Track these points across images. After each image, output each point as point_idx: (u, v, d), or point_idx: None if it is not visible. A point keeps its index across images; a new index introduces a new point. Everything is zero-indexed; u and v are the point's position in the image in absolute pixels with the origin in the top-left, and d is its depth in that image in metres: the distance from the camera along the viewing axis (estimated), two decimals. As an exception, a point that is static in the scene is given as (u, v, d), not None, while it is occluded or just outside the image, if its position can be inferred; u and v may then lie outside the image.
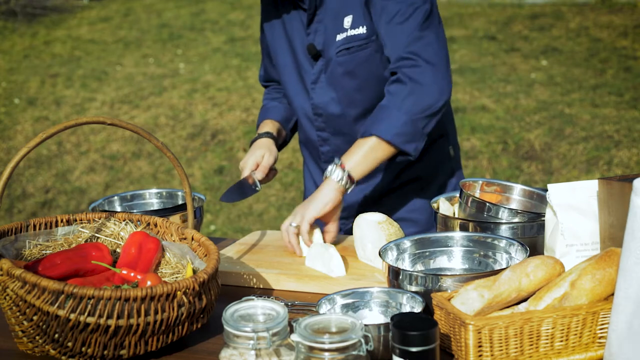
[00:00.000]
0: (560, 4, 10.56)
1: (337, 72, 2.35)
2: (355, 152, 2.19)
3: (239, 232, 5.99)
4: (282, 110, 2.65)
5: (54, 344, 1.63)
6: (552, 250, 1.85)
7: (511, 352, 1.54)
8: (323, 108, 2.43)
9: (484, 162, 6.46)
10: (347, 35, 2.30)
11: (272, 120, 2.63)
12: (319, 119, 2.46)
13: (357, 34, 2.29)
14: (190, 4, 12.23)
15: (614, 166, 6.16)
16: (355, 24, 2.29)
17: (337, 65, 2.34)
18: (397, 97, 2.16)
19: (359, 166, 2.18)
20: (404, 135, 2.15)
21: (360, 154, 2.18)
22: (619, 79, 7.85)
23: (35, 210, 6.67)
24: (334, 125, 2.44)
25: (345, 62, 2.33)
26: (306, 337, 1.46)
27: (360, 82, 2.35)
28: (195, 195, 2.42)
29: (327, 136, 2.48)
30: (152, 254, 1.92)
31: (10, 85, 8.97)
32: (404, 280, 1.77)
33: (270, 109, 2.67)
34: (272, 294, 2.04)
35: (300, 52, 2.43)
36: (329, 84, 2.39)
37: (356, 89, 2.36)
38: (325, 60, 2.38)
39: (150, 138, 1.85)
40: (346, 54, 2.32)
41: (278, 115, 2.64)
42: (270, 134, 2.55)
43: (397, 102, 2.16)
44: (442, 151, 2.52)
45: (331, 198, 2.18)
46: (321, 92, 2.41)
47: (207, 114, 7.75)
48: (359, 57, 2.31)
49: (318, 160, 2.56)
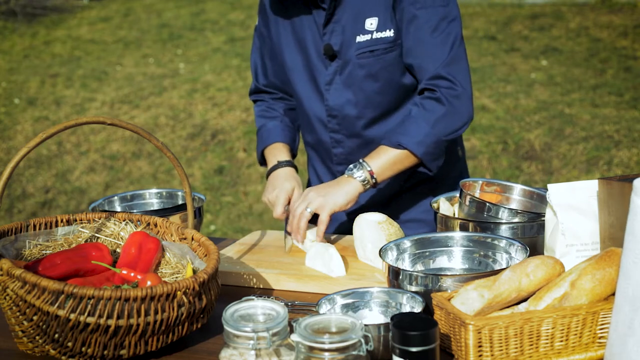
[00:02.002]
0: (560, 4, 10.56)
1: (358, 74, 2.34)
2: (382, 157, 2.23)
3: (239, 232, 5.99)
4: (286, 131, 2.58)
5: (54, 344, 1.63)
6: (552, 250, 1.85)
7: (511, 352, 1.54)
8: (338, 110, 2.41)
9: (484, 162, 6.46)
10: (372, 38, 2.29)
11: (282, 144, 2.54)
12: (333, 121, 2.43)
13: (384, 37, 2.28)
14: (190, 4, 12.23)
15: (614, 166, 6.16)
16: (381, 27, 2.28)
17: (358, 68, 2.33)
18: (432, 115, 2.22)
19: (385, 172, 2.23)
20: (431, 154, 2.24)
21: (388, 161, 2.23)
22: (619, 79, 7.85)
23: (35, 210, 6.67)
24: (349, 127, 2.43)
25: (367, 65, 2.32)
26: (306, 337, 1.46)
27: (381, 85, 2.35)
28: (195, 195, 2.42)
29: (341, 138, 2.45)
30: (152, 254, 1.92)
31: (10, 85, 8.97)
32: (404, 280, 1.77)
33: (272, 130, 2.57)
34: (272, 294, 2.04)
35: (313, 53, 2.39)
36: (345, 85, 2.37)
37: (377, 92, 2.36)
38: (341, 61, 2.35)
39: (150, 138, 1.85)
40: (370, 57, 2.31)
41: (284, 137, 2.56)
42: (290, 163, 2.48)
43: (431, 120, 2.22)
44: (451, 152, 2.53)
45: (354, 196, 2.21)
46: (336, 93, 2.39)
47: (207, 114, 7.75)
48: (383, 60, 2.31)
49: (329, 162, 2.53)
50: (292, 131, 2.59)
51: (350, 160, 2.45)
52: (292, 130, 2.60)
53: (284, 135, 2.56)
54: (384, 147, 2.25)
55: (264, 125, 2.60)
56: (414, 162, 2.25)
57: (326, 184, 2.26)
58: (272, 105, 2.64)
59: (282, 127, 2.57)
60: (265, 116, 2.62)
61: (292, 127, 2.60)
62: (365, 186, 2.21)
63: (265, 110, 2.63)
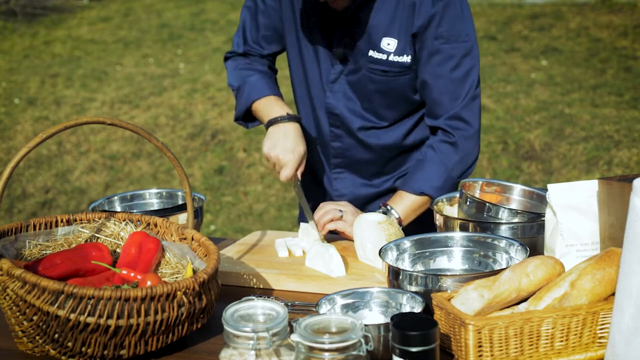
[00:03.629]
0: (560, 4, 10.56)
1: (368, 86, 2.35)
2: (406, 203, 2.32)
3: (239, 232, 5.99)
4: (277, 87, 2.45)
5: (54, 344, 1.63)
6: (552, 250, 1.85)
7: (511, 352, 1.54)
8: (339, 109, 2.42)
9: (484, 162, 6.46)
10: (388, 59, 2.29)
11: (278, 98, 2.39)
12: (334, 117, 2.44)
13: (401, 62, 2.29)
14: (190, 4, 12.23)
15: (614, 166, 6.16)
16: (400, 51, 2.28)
17: (369, 81, 2.34)
18: (449, 160, 2.32)
19: (409, 217, 2.34)
20: (444, 191, 2.33)
21: (412, 207, 2.33)
22: (619, 79, 7.85)
23: (35, 210, 6.67)
24: (346, 127, 2.44)
25: (379, 82, 2.33)
26: (306, 337, 1.46)
27: (390, 102, 2.38)
28: (195, 195, 2.42)
29: (341, 133, 2.46)
30: (152, 254, 1.92)
31: (10, 85, 8.97)
32: (404, 280, 1.77)
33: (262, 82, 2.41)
34: (272, 294, 2.04)
35: (320, 47, 2.37)
36: (351, 89, 2.38)
37: (384, 106, 2.39)
38: (351, 65, 2.35)
39: (150, 138, 1.85)
40: (383, 76, 2.32)
41: (278, 92, 2.43)
42: (298, 118, 2.34)
43: (449, 166, 2.32)
44: None
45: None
46: (338, 94, 2.40)
47: (207, 114, 7.75)
48: (396, 81, 2.33)
49: (327, 155, 2.52)
50: (278, 89, 2.45)
51: (346, 155, 2.47)
52: (278, 89, 2.45)
53: (276, 89, 2.43)
54: (406, 194, 2.32)
55: (248, 77, 2.43)
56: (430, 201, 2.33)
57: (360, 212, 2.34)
58: (255, 60, 2.50)
59: (273, 82, 2.45)
60: (249, 68, 2.46)
61: (278, 86, 2.47)
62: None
63: (249, 64, 2.48)
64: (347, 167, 2.50)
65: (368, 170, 2.50)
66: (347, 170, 2.51)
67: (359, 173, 2.51)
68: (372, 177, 2.51)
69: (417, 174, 2.33)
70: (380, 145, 2.44)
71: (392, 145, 2.44)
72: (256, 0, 2.46)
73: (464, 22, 2.27)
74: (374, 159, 2.47)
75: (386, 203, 2.33)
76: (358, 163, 2.49)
